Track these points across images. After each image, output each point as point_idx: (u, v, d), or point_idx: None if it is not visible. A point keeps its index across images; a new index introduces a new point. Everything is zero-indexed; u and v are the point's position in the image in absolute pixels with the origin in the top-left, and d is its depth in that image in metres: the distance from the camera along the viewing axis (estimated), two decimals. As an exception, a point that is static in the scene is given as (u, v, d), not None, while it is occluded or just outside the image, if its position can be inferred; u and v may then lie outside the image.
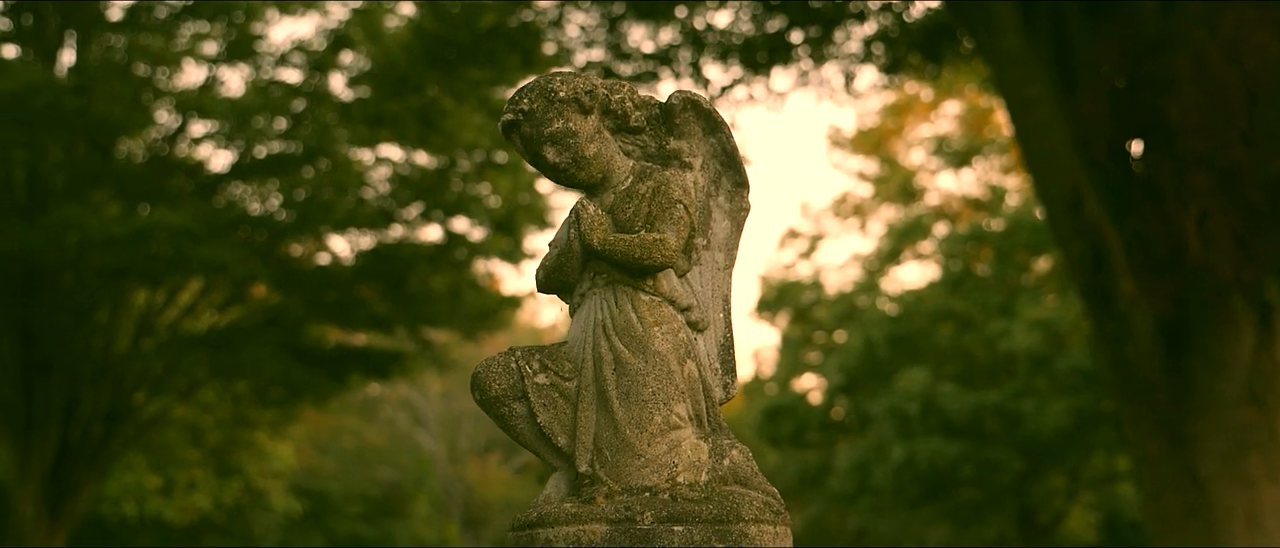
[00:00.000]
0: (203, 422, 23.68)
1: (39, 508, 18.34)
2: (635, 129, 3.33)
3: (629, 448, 3.10)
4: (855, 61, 15.63)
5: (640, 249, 3.14)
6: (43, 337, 18.16)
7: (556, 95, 3.23)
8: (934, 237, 28.83)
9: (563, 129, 3.22)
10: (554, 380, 3.19)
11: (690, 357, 3.22)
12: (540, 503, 3.16)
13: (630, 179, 3.29)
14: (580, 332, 3.24)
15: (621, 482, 3.09)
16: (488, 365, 3.24)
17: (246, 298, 20.47)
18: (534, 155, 3.28)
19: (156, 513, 25.43)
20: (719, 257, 3.37)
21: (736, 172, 3.41)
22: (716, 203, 3.39)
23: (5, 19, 18.12)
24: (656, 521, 2.99)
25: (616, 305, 3.18)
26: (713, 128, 3.38)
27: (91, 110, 16.82)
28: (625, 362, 3.13)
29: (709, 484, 3.13)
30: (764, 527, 3.10)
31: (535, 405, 3.17)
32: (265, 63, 18.72)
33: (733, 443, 3.24)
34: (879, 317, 28.28)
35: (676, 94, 3.35)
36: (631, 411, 3.11)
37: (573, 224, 3.23)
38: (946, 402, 24.93)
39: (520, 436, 3.23)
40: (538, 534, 3.07)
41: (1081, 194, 10.54)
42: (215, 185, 19.02)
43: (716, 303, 3.35)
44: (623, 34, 15.42)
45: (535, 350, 3.25)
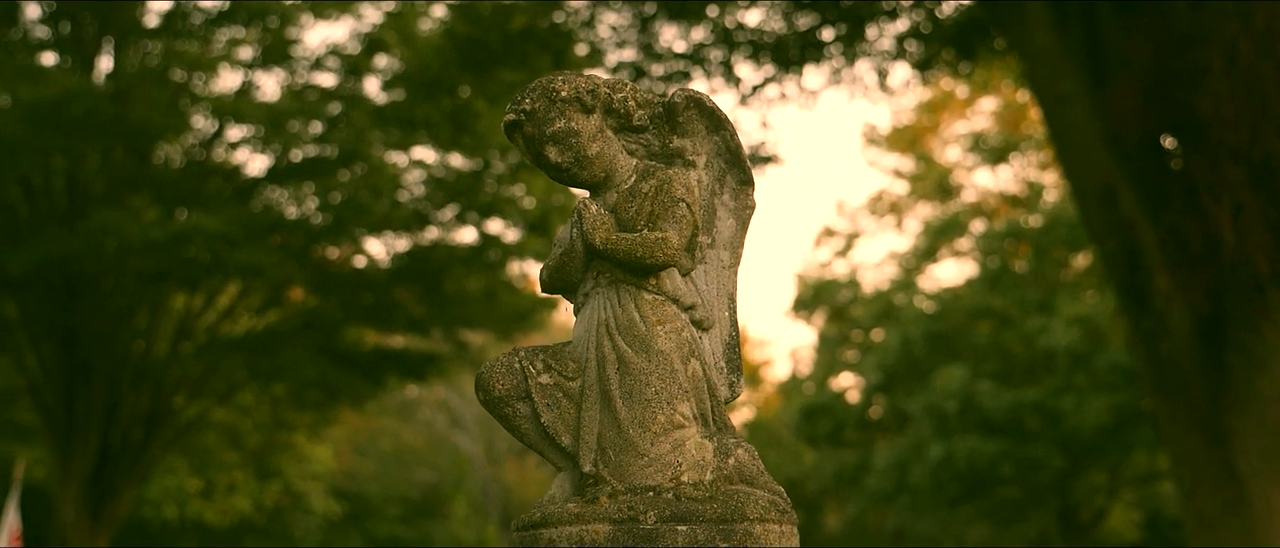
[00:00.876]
0: (242, 425, 23.84)
1: (80, 511, 18.48)
2: (639, 128, 3.31)
3: (632, 448, 3.08)
4: (888, 58, 15.58)
5: (642, 248, 3.13)
6: (83, 341, 18.31)
7: (558, 95, 3.22)
8: (971, 234, 28.70)
9: (565, 128, 3.21)
10: (558, 380, 3.18)
11: (694, 356, 3.20)
12: (544, 503, 3.15)
13: (633, 178, 3.27)
14: (584, 331, 3.23)
15: (625, 482, 3.07)
16: (491, 366, 3.24)
17: (284, 301, 20.56)
18: (536, 155, 3.28)
19: (197, 515, 25.63)
20: (724, 255, 3.35)
21: (741, 169, 3.39)
22: (721, 201, 3.37)
23: (44, 27, 18.28)
24: (660, 520, 2.98)
25: (619, 305, 3.17)
26: (716, 126, 3.35)
27: (129, 116, 16.95)
28: (628, 361, 3.12)
29: (713, 484, 3.11)
30: (769, 526, 3.07)
31: (539, 406, 3.17)
32: (300, 67, 18.81)
33: (738, 442, 3.22)
34: (916, 315, 28.17)
35: (679, 92, 3.33)
36: (635, 410, 3.10)
37: (575, 224, 3.22)
38: (985, 400, 24.82)
39: (524, 436, 3.22)
40: (541, 535, 3.06)
41: (1115, 190, 10.46)
42: (252, 190, 19.12)
43: (722, 301, 3.33)
44: (654, 34, 15.43)
45: (539, 350, 3.24)
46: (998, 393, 24.93)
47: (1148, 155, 10.50)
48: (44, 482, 22.40)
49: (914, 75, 16.21)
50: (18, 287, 17.62)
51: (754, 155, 15.83)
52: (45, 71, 17.21)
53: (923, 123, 30.46)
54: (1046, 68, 11.05)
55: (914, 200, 30.82)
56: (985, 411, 24.75)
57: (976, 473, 25.00)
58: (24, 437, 21.20)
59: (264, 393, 22.11)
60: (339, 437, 30.80)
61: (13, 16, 17.65)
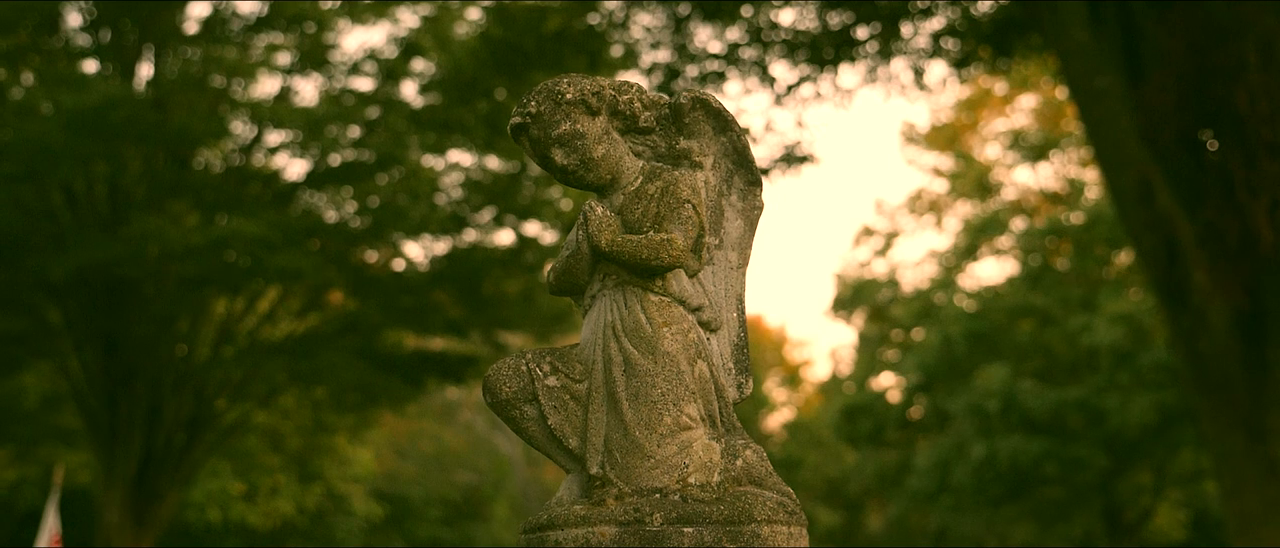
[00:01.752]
0: (283, 428, 24.00)
1: (124, 514, 18.66)
2: (645, 129, 3.31)
3: (639, 449, 3.08)
4: (924, 56, 15.51)
5: (647, 250, 3.13)
6: (125, 346, 18.48)
7: (563, 97, 3.21)
8: (1011, 232, 28.53)
9: (570, 131, 3.21)
10: (565, 383, 3.18)
11: (701, 357, 3.19)
12: (552, 505, 3.15)
13: (639, 180, 3.27)
14: (590, 333, 3.23)
15: (632, 483, 3.06)
16: (498, 369, 3.24)
17: (323, 305, 20.69)
18: (542, 158, 3.28)
19: (240, 519, 25.82)
20: (732, 256, 3.34)
21: (748, 170, 3.38)
22: (729, 202, 3.36)
23: (85, 34, 18.47)
24: (666, 522, 2.97)
25: (626, 307, 3.17)
26: (723, 126, 3.34)
27: (169, 123, 17.11)
28: (635, 363, 3.12)
29: (721, 485, 3.10)
30: (777, 527, 3.05)
31: (546, 408, 3.17)
32: (337, 72, 18.94)
33: (747, 443, 3.20)
34: (957, 313, 28.02)
35: (685, 92, 3.32)
36: (641, 412, 3.09)
37: (581, 226, 3.22)
38: (1027, 399, 24.64)
39: (532, 438, 3.22)
40: (547, 537, 3.06)
41: (1152, 186, 10.38)
42: (291, 194, 19.25)
43: (730, 302, 3.32)
44: (689, 34, 15.42)
45: (546, 353, 3.24)
46: (1040, 392, 24.75)
47: (1184, 151, 10.41)
48: (88, 486, 22.62)
49: (951, 73, 16.12)
50: (61, 293, 17.81)
51: (790, 155, 15.78)
52: (86, 79, 17.39)
53: (962, 120, 30.30)
54: (1082, 64, 10.97)
55: (953, 199, 30.67)
56: (1028, 410, 24.58)
57: (1019, 473, 24.82)
58: (68, 441, 21.42)
59: (305, 396, 22.25)
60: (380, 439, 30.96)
61: (54, 25, 17.84)
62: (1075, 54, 10.99)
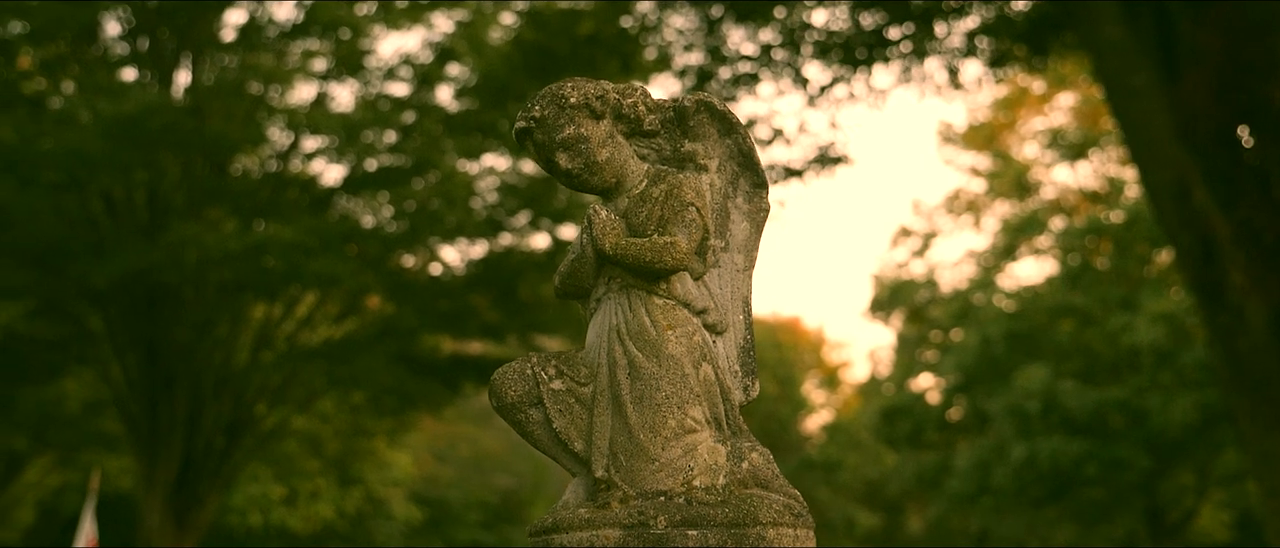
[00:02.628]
0: (322, 432, 24.14)
1: (165, 518, 18.81)
2: (650, 133, 3.31)
3: (643, 452, 3.08)
4: (958, 56, 15.43)
5: (651, 253, 3.12)
6: (165, 352, 18.64)
7: (567, 101, 3.22)
8: (1051, 231, 28.34)
9: (574, 135, 3.21)
10: (570, 386, 3.18)
11: (706, 359, 3.18)
12: (557, 509, 3.16)
13: (644, 183, 3.27)
14: (596, 337, 3.23)
15: (636, 486, 3.06)
16: (503, 373, 3.24)
17: (361, 309, 20.79)
18: (547, 162, 3.28)
19: (281, 523, 25.99)
20: (738, 258, 3.33)
21: (754, 172, 3.37)
22: (734, 204, 3.35)
23: (123, 43, 18.64)
24: (670, 525, 2.97)
25: (630, 310, 3.17)
26: (728, 129, 3.34)
27: (207, 130, 17.26)
28: (639, 366, 3.11)
29: (726, 488, 3.09)
30: (783, 530, 3.04)
31: (551, 411, 3.17)
32: (373, 77, 19.04)
33: (754, 446, 3.19)
34: (996, 314, 27.86)
35: (689, 95, 3.31)
36: (645, 415, 3.09)
37: (586, 229, 3.22)
38: (1067, 399, 24.47)
39: (538, 441, 3.22)
40: (552, 540, 3.06)
41: (1188, 184, 10.28)
42: (327, 200, 19.37)
43: (736, 305, 3.31)
44: (722, 36, 15.41)
45: (551, 356, 3.25)
46: (1081, 392, 24.56)
47: (1220, 148, 10.30)
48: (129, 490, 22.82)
49: (986, 72, 16.02)
50: (102, 299, 17.97)
51: (824, 156, 15.75)
52: (125, 87, 17.55)
53: (999, 120, 30.13)
54: (1117, 62, 10.89)
55: (992, 198, 30.50)
56: (1068, 410, 24.40)
57: (1060, 474, 24.64)
58: (110, 446, 21.62)
59: (343, 400, 22.37)
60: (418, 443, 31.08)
61: (93, 34, 18.01)
62: (1110, 52, 10.91)
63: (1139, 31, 10.78)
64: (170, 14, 18.16)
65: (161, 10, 18.14)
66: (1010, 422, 25.40)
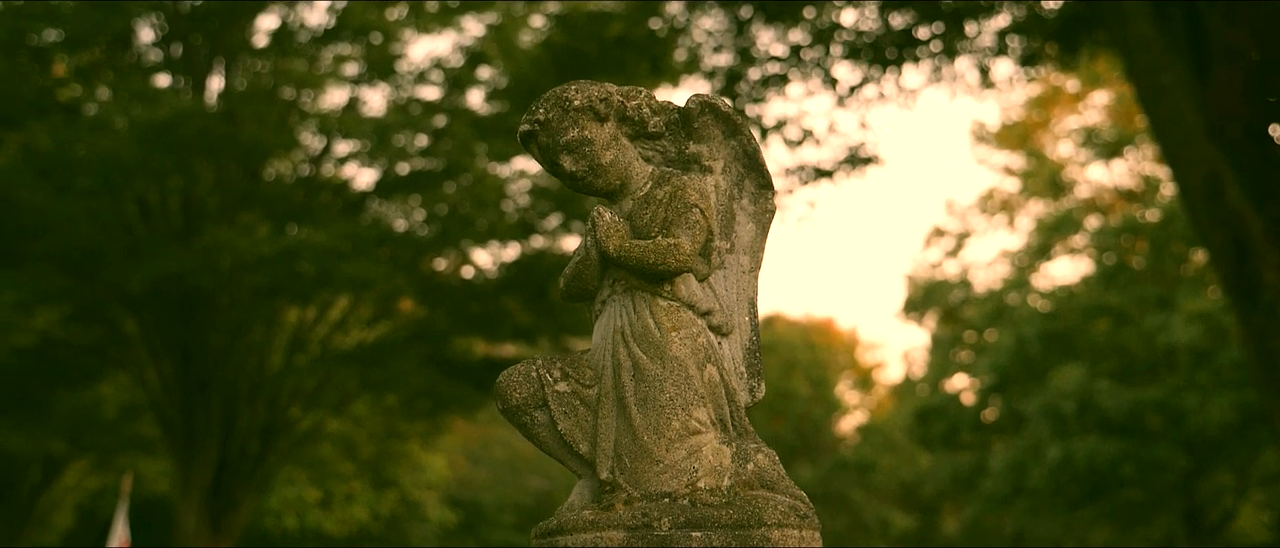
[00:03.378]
0: (356, 435, 24.25)
1: (201, 521, 18.94)
2: (655, 135, 3.31)
3: (647, 454, 3.08)
4: (989, 55, 15.37)
5: (654, 255, 3.12)
6: (200, 356, 18.77)
7: (571, 104, 3.23)
8: (1085, 230, 28.14)
9: (578, 137, 3.22)
10: (575, 388, 3.19)
11: (710, 361, 3.18)
12: (563, 511, 3.16)
13: (649, 185, 3.27)
14: (600, 339, 3.23)
15: (641, 488, 3.06)
16: (509, 375, 3.25)
17: (393, 313, 20.87)
18: (552, 164, 3.29)
19: (316, 525, 26.11)
20: (744, 260, 3.32)
21: (760, 174, 3.36)
22: (740, 206, 3.34)
23: (157, 50, 18.78)
24: (674, 526, 2.97)
25: (634, 312, 3.16)
26: (733, 131, 3.33)
27: (240, 135, 17.36)
28: (643, 368, 3.11)
29: (731, 489, 3.08)
30: (788, 531, 3.03)
31: (556, 413, 3.17)
32: (405, 81, 19.11)
33: (759, 447, 3.19)
34: (1030, 314, 27.70)
35: (694, 97, 3.31)
36: (649, 416, 3.09)
37: (590, 232, 3.22)
38: (1103, 399, 24.30)
39: (543, 444, 3.22)
40: (556, 541, 3.06)
41: (1220, 182, 10.19)
42: (360, 204, 19.46)
43: (742, 306, 3.30)
44: (751, 37, 15.40)
45: (556, 358, 3.25)
46: (1117, 392, 24.39)
47: (1253, 145, 10.22)
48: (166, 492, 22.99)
49: (1017, 71, 15.94)
50: (137, 304, 18.11)
51: (854, 157, 15.71)
52: (159, 93, 17.68)
53: (1033, 119, 29.96)
54: (1147, 59, 10.81)
55: (1026, 198, 30.33)
56: (1104, 410, 24.23)
57: (1097, 474, 24.47)
58: (147, 450, 21.79)
59: (377, 404, 22.47)
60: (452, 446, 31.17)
61: (127, 41, 18.16)
62: (1140, 50, 10.84)
63: (1169, 29, 10.70)
64: (203, 20, 18.29)
65: (195, 16, 18.27)
66: (1046, 422, 25.25)
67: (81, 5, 16.48)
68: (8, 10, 16.65)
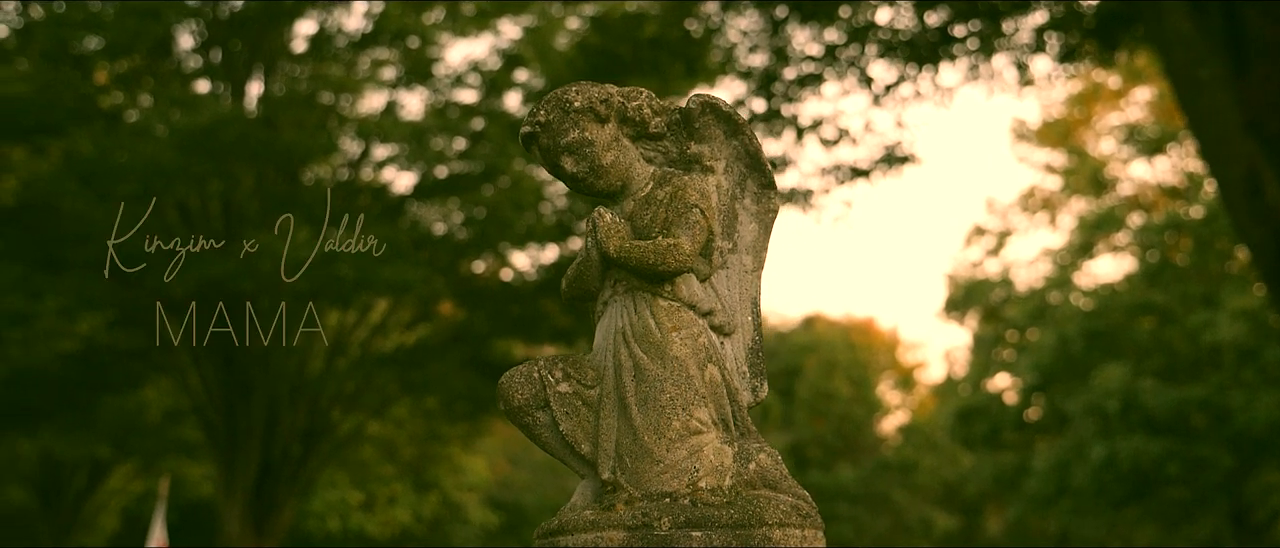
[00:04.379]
0: (397, 438, 24.36)
1: (244, 524, 19.07)
2: (656, 135, 3.31)
3: (648, 454, 3.08)
4: (1027, 52, 15.26)
5: (654, 255, 3.12)
6: (242, 360, 18.89)
7: (572, 105, 3.24)
8: (1128, 227, 27.90)
9: (579, 139, 3.23)
10: (577, 389, 3.20)
11: (711, 361, 3.18)
12: (565, 511, 3.17)
13: (650, 185, 3.28)
14: (602, 340, 3.24)
15: (642, 488, 3.07)
16: (511, 376, 3.27)
17: (433, 316, 20.95)
18: (553, 166, 3.30)
19: (359, 527, 26.25)
20: (747, 259, 3.32)
21: (761, 173, 3.36)
22: (742, 205, 3.34)
23: (196, 56, 18.93)
24: (674, 526, 2.97)
25: (635, 312, 3.17)
26: (734, 130, 3.33)
27: (279, 140, 17.48)
28: (644, 368, 3.12)
29: (732, 489, 3.08)
30: (790, 531, 3.03)
31: (557, 414, 3.18)
32: (442, 85, 19.19)
33: (762, 447, 3.18)
34: (1073, 312, 27.49)
35: (694, 97, 3.32)
36: (650, 416, 3.09)
37: (590, 233, 3.23)
38: (1147, 398, 24.07)
39: (546, 444, 3.23)
40: (557, 541, 3.07)
41: (1260, 177, 10.09)
42: (399, 207, 19.54)
43: (744, 306, 3.30)
44: (787, 37, 15.36)
45: (558, 359, 3.26)
46: (1161, 391, 24.15)
47: (1292, 141, 10.09)
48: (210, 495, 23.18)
49: (1056, 68, 15.82)
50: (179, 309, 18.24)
51: (890, 156, 15.64)
52: (199, 99, 17.83)
53: (1074, 116, 29.72)
54: (1184, 55, 10.72)
55: (1067, 195, 30.10)
56: (1148, 409, 24.00)
57: (1141, 474, 24.24)
58: (190, 453, 21.97)
59: (417, 406, 22.55)
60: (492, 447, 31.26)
61: (167, 48, 18.32)
62: (1177, 45, 10.74)
63: (1207, 25, 10.60)
64: (242, 26, 18.42)
65: (234, 22, 18.41)
66: (1089, 422, 25.05)
67: (122, 13, 16.64)
68: (50, 19, 16.84)
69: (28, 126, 16.36)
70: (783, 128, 15.58)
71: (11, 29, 17.48)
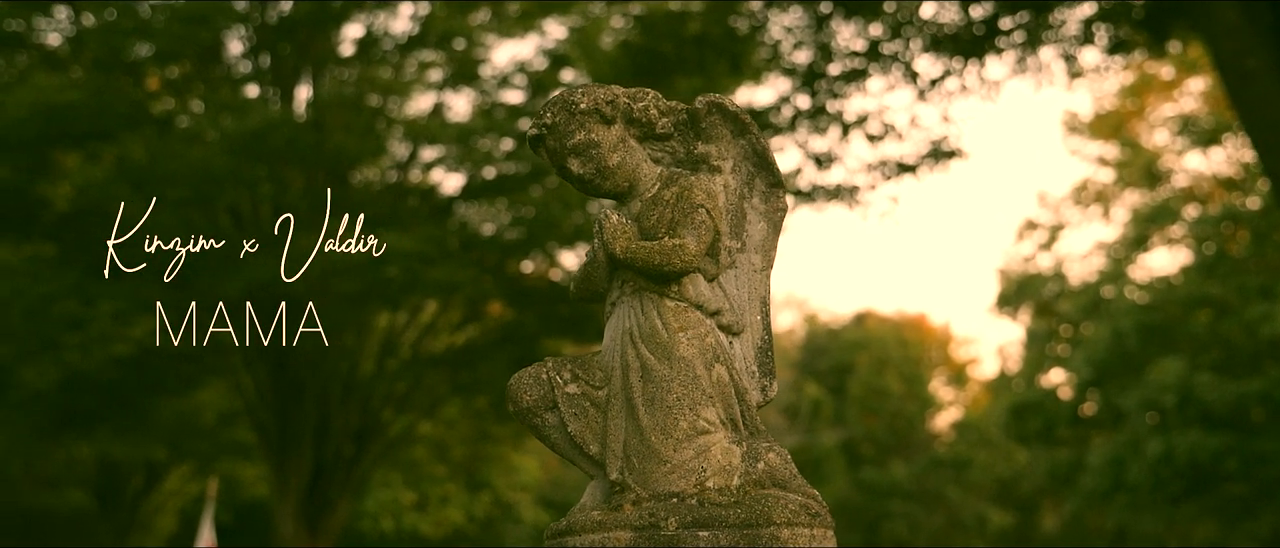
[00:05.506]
0: (448, 438, 24.47)
1: (298, 524, 19.21)
2: (663, 136, 3.31)
3: (655, 454, 3.08)
4: (1075, 44, 15.11)
5: (660, 256, 3.13)
6: (294, 362, 19.03)
7: (577, 107, 3.24)
8: (1183, 220, 27.56)
9: (585, 140, 3.23)
10: (585, 390, 3.20)
11: (719, 361, 3.17)
12: (574, 511, 3.18)
13: (657, 186, 3.28)
14: (610, 340, 3.24)
15: (649, 488, 3.07)
16: (519, 378, 3.27)
17: (482, 316, 21.02)
18: (560, 168, 3.31)
19: (413, 527, 26.40)
20: (756, 259, 3.31)
21: (769, 172, 3.35)
22: (751, 205, 3.33)
23: (246, 61, 19.09)
24: (681, 526, 2.97)
25: (643, 313, 3.17)
26: (741, 130, 3.32)
27: (328, 143, 17.58)
28: (651, 368, 3.12)
29: (741, 488, 3.08)
30: (799, 530, 3.01)
31: (566, 415, 3.19)
32: (489, 86, 19.24)
33: (771, 446, 3.17)
34: (1128, 306, 27.19)
35: (701, 98, 3.32)
36: (656, 417, 3.09)
37: (598, 234, 3.24)
38: (1205, 392, 23.79)
39: (554, 445, 3.24)
40: (565, 542, 3.08)
41: (1311, 168, 9.93)
42: (447, 208, 19.62)
43: (753, 305, 3.29)
44: (831, 32, 15.30)
45: (567, 361, 3.27)
46: (1219, 385, 23.86)
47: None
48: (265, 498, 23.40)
49: (1105, 60, 15.66)
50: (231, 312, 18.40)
51: (937, 151, 15.54)
52: (249, 104, 17.98)
53: (1127, 107, 29.39)
54: (1232, 45, 10.57)
55: (1121, 188, 29.78)
56: (1206, 403, 23.72)
57: (1199, 469, 23.96)
58: (245, 455, 22.19)
59: (468, 406, 22.63)
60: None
61: (217, 53, 18.49)
62: (1225, 35, 10.59)
63: (1255, 14, 10.46)
64: (290, 31, 18.55)
65: (282, 27, 18.54)
66: (1145, 417, 24.79)
67: (172, 20, 16.81)
68: (101, 27, 17.04)
69: (81, 133, 16.56)
70: (828, 124, 15.53)
71: (64, 37, 17.71)
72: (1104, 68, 16.08)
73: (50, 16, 17.24)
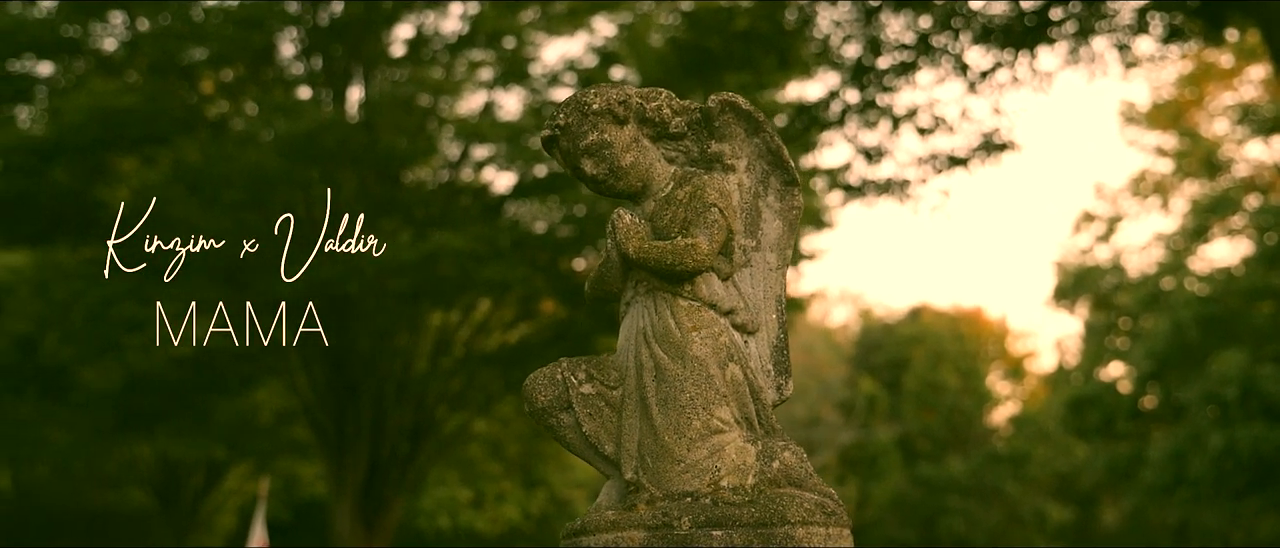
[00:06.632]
0: (503, 435, 24.56)
1: (355, 522, 19.37)
2: (677, 135, 3.31)
3: (669, 454, 3.08)
4: (1129, 33, 14.94)
5: (672, 255, 3.13)
6: (349, 361, 19.17)
7: (590, 108, 3.24)
8: (1244, 210, 27.16)
9: (598, 141, 3.23)
10: (600, 390, 3.21)
11: (733, 360, 3.17)
12: (589, 511, 3.19)
13: (670, 185, 3.28)
14: (625, 340, 3.25)
15: (663, 488, 3.07)
16: (534, 378, 3.29)
17: (535, 314, 21.07)
18: (573, 168, 3.33)
19: (469, 525, 26.52)
20: (771, 257, 3.30)
21: (784, 170, 3.33)
22: (766, 203, 3.32)
23: (298, 63, 19.25)
24: (695, 526, 2.96)
25: (656, 313, 3.17)
26: (755, 128, 3.31)
27: (380, 143, 17.71)
28: (664, 368, 3.12)
29: (755, 487, 3.07)
30: (814, 529, 3.00)
31: (580, 415, 3.20)
32: (539, 84, 19.30)
33: (786, 445, 3.16)
34: (1188, 298, 26.83)
35: (714, 97, 3.32)
36: (670, 416, 3.09)
37: (611, 234, 3.24)
38: (1268, 385, 23.42)
39: (570, 445, 3.25)
40: (580, 542, 3.10)
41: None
42: (498, 206, 19.69)
43: (769, 304, 3.28)
44: (880, 25, 15.22)
45: (582, 361, 3.28)
46: (1283, 377, 23.51)
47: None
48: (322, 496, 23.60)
49: (1160, 49, 15.46)
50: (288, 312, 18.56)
51: (989, 143, 15.41)
52: (301, 105, 18.13)
53: (1185, 97, 29.01)
54: (1287, 31, 10.41)
55: (1180, 179, 29.40)
56: (1269, 396, 23.36)
57: (1263, 463, 23.60)
58: (302, 453, 22.39)
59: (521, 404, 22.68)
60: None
61: (269, 56, 18.66)
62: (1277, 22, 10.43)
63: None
64: (341, 32, 18.69)
65: (333, 29, 18.68)
66: (1206, 410, 24.46)
67: (225, 23, 16.98)
68: (156, 31, 17.25)
69: (137, 137, 16.79)
70: (877, 118, 15.45)
71: (120, 42, 17.93)
72: (1159, 57, 15.88)
73: (106, 22, 17.45)
